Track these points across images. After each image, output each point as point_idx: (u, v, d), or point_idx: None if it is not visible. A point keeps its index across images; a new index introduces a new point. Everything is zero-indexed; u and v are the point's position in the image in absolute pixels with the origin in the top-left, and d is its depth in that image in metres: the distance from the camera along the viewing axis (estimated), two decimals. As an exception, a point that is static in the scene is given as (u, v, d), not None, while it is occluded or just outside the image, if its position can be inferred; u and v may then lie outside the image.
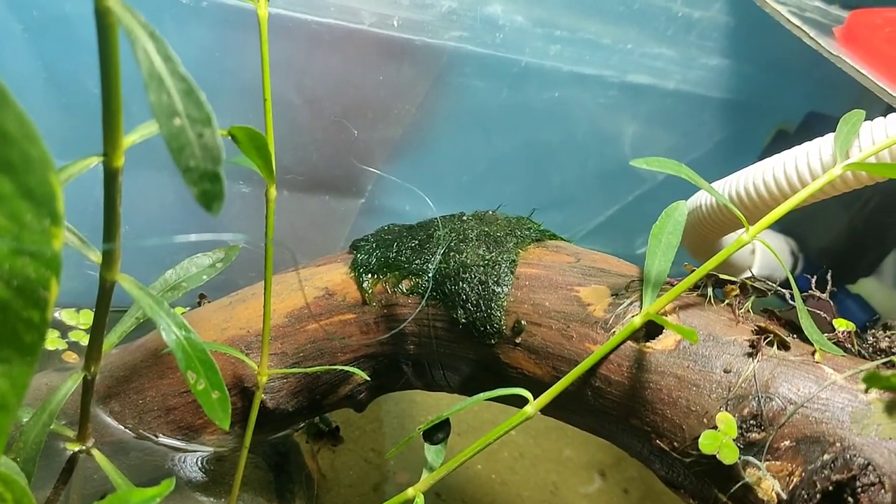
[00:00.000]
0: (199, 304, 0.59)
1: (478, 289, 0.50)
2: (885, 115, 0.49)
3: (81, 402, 0.46)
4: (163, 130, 0.29)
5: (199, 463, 0.54)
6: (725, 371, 0.41)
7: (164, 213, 0.60)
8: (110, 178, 0.33)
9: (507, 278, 0.50)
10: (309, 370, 0.52)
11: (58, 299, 0.27)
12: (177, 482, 0.40)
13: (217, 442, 0.53)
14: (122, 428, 0.51)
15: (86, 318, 0.65)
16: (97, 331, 0.41)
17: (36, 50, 0.54)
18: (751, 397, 0.40)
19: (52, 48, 0.54)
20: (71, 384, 0.42)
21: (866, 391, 0.39)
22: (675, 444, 0.42)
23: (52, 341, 0.62)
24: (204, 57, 0.57)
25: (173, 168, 0.30)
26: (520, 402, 0.43)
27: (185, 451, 0.53)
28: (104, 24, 0.28)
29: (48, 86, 0.55)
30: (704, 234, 0.62)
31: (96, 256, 0.38)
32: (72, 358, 0.62)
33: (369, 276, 0.53)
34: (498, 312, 0.49)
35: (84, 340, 0.63)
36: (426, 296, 0.52)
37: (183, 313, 0.58)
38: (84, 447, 0.48)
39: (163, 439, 0.52)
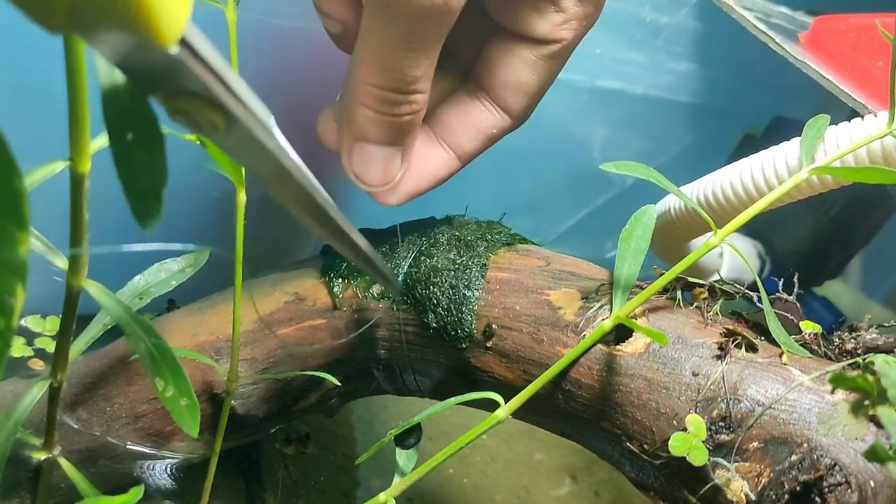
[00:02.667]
0: (169, 309, 0.59)
1: (449, 293, 0.50)
2: (849, 120, 0.49)
3: (48, 410, 0.45)
4: (112, 143, 0.30)
5: (168, 470, 0.53)
6: (694, 373, 0.42)
7: (132, 219, 0.59)
8: (76, 182, 0.33)
9: (477, 282, 0.50)
10: (279, 376, 0.52)
11: (24, 306, 0.27)
12: (146, 490, 0.39)
13: (187, 449, 0.53)
14: (90, 435, 0.51)
15: (52, 324, 0.64)
16: (64, 337, 0.40)
17: (1, 54, 0.53)
18: (719, 399, 0.40)
19: (17, 53, 0.53)
20: (37, 392, 0.41)
21: (833, 392, 0.39)
22: (646, 446, 0.42)
23: (18, 348, 0.61)
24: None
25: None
26: (491, 405, 0.43)
27: (155, 458, 0.53)
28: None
29: (13, 90, 0.55)
30: (673, 237, 0.62)
31: (63, 262, 0.37)
32: (38, 365, 0.61)
33: (340, 280, 0.53)
34: (469, 316, 0.49)
35: (50, 347, 0.62)
36: (396, 300, 0.52)
37: (152, 319, 0.57)
38: (50, 455, 0.47)
39: (132, 446, 0.52)
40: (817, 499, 0.37)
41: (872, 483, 0.37)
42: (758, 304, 0.45)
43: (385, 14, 0.39)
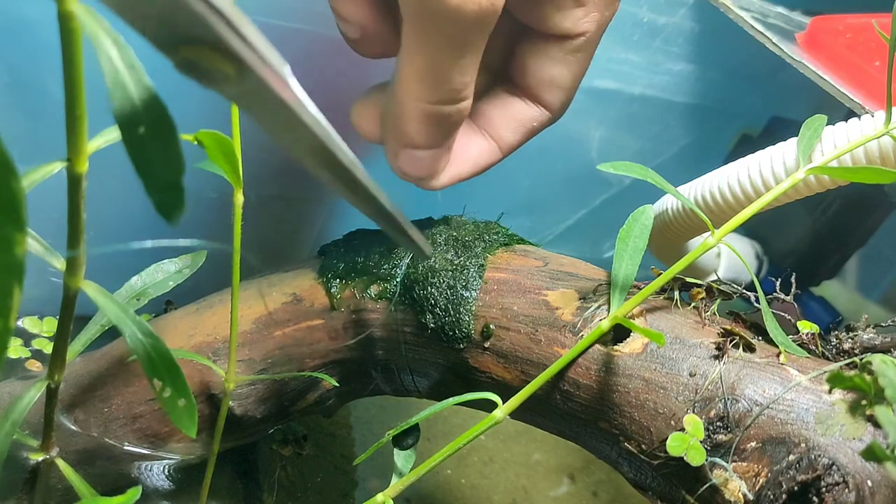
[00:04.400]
0: (166, 310, 0.59)
1: (446, 293, 0.50)
2: (846, 120, 0.49)
3: (45, 411, 0.45)
4: (125, 139, 0.29)
5: (166, 471, 0.53)
6: (692, 374, 0.42)
7: (130, 219, 0.59)
8: (74, 183, 0.33)
9: (475, 283, 0.50)
10: (277, 376, 0.52)
11: (21, 307, 0.27)
12: (143, 491, 0.39)
13: (184, 450, 0.53)
14: (87, 436, 0.51)
15: (49, 325, 0.64)
16: (61, 339, 0.40)
17: (-3, 54, 0.53)
18: (717, 399, 0.40)
19: (14, 52, 0.53)
20: (34, 393, 0.41)
21: (830, 392, 0.39)
22: (643, 446, 0.42)
23: (15, 349, 0.61)
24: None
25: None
26: (489, 406, 0.43)
27: (152, 459, 0.53)
28: (67, 28, 0.28)
29: (10, 90, 0.55)
30: (671, 237, 0.62)
31: (60, 263, 0.37)
32: (35, 366, 0.61)
33: (337, 281, 0.53)
34: (466, 317, 0.49)
35: (48, 348, 0.62)
36: (394, 301, 0.51)
37: (149, 320, 0.57)
38: (48, 457, 0.47)
39: (129, 447, 0.52)
40: (815, 498, 0.37)
41: (870, 482, 0.37)
42: (755, 304, 0.45)
43: (431, 26, 0.39)
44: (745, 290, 0.46)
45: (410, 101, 0.43)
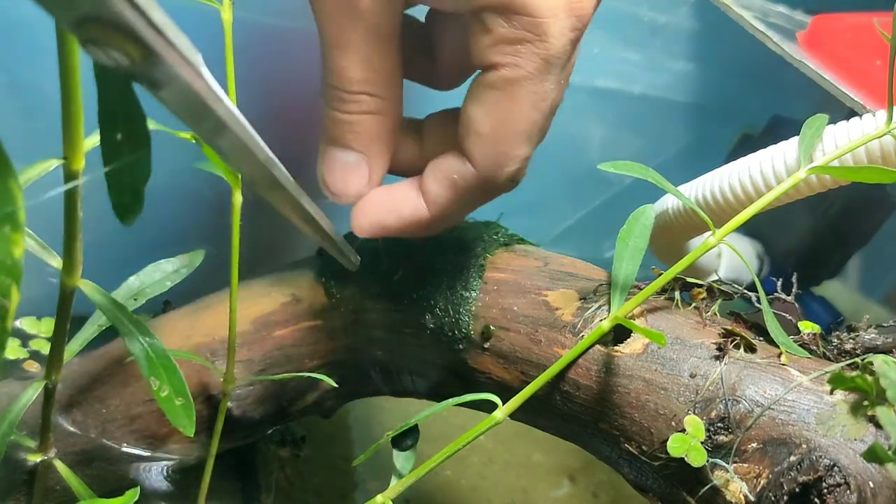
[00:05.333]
0: (164, 310, 0.59)
1: (446, 294, 0.49)
2: (847, 119, 0.49)
3: (43, 412, 0.45)
4: (102, 140, 0.30)
5: (164, 472, 0.53)
6: (693, 374, 0.42)
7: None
8: (70, 180, 0.33)
9: (475, 283, 0.50)
10: (276, 377, 0.52)
11: (19, 307, 0.27)
12: (141, 492, 0.39)
13: (182, 450, 0.53)
14: (85, 437, 0.51)
15: (47, 326, 0.64)
16: (58, 339, 0.40)
17: (-5, 53, 0.53)
18: (718, 400, 0.40)
19: (10, 52, 0.53)
20: (32, 393, 0.41)
21: (831, 392, 0.39)
22: (644, 447, 0.42)
23: (13, 350, 0.61)
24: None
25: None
26: (489, 407, 0.43)
27: (151, 460, 0.53)
28: (63, 29, 0.28)
29: (7, 89, 0.54)
30: (672, 237, 0.62)
31: (57, 262, 0.37)
32: (33, 367, 0.61)
33: (336, 281, 0.53)
34: (466, 317, 0.49)
35: (45, 349, 0.62)
36: (394, 301, 0.51)
37: (147, 320, 0.57)
38: (46, 458, 0.47)
39: (127, 448, 0.52)
40: (816, 500, 0.37)
41: (871, 484, 0.37)
42: (756, 305, 0.45)
43: (313, 11, 0.41)
44: (746, 291, 0.46)
45: (321, 83, 0.43)
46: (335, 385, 0.51)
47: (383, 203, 0.45)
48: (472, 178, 0.42)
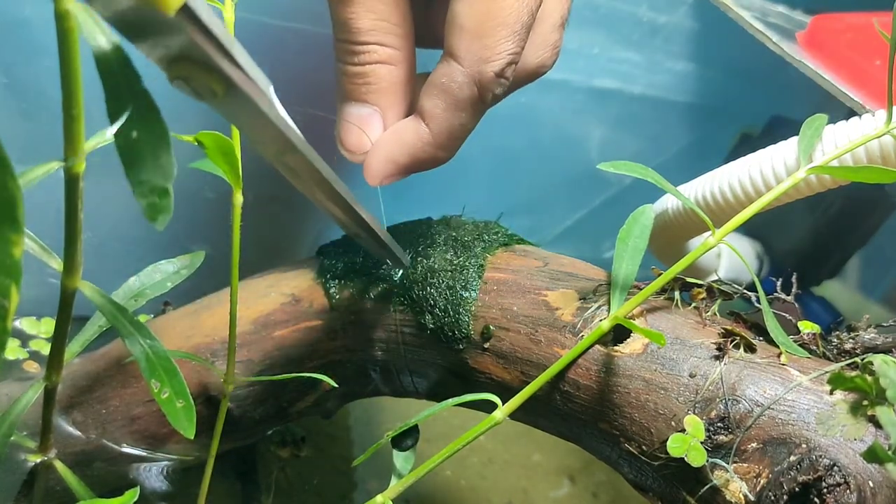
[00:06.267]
0: (164, 311, 0.59)
1: (446, 294, 0.49)
2: (847, 119, 0.49)
3: (43, 413, 0.45)
4: (118, 142, 0.30)
5: (164, 473, 0.53)
6: (693, 374, 0.42)
7: (127, 220, 0.59)
8: (71, 183, 0.33)
9: (474, 283, 0.50)
10: (275, 378, 0.52)
11: (18, 308, 0.27)
12: (141, 492, 0.39)
13: (182, 451, 0.53)
14: (85, 438, 0.51)
15: (47, 326, 0.64)
16: (58, 339, 0.40)
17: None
18: (718, 400, 0.40)
19: (10, 52, 0.53)
20: (32, 394, 0.41)
21: (831, 392, 0.39)
22: (644, 447, 0.42)
23: (13, 351, 0.61)
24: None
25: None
26: (489, 407, 0.43)
27: (151, 460, 0.53)
28: (64, 28, 0.28)
29: (7, 91, 0.54)
30: (671, 237, 0.62)
31: (57, 264, 0.37)
32: (33, 367, 0.61)
33: (336, 281, 0.53)
34: (466, 317, 0.49)
35: (45, 350, 0.62)
36: (393, 301, 0.51)
37: (147, 321, 0.57)
38: (46, 458, 0.47)
39: (127, 449, 0.52)
40: (816, 499, 0.37)
41: (871, 483, 0.37)
42: (756, 305, 0.45)
43: None
44: (745, 290, 0.46)
45: (333, 40, 0.44)
46: (335, 385, 0.51)
47: (388, 139, 0.45)
48: (461, 78, 0.42)
